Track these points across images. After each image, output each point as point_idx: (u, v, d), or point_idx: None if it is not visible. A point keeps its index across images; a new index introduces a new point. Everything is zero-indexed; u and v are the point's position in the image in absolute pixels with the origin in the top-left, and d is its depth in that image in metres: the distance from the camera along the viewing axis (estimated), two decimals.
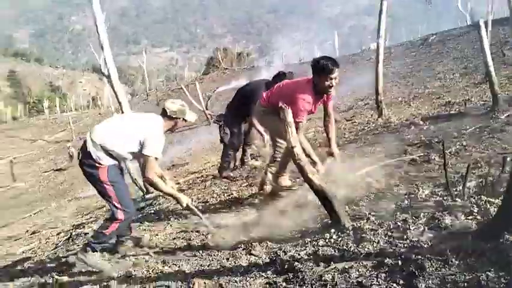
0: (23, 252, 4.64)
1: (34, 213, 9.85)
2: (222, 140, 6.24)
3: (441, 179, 3.06)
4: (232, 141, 5.35)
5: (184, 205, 3.05)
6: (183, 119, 3.08)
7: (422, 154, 4.05)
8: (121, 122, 3.12)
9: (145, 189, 5.86)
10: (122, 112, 5.74)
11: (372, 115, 7.39)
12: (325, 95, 3.28)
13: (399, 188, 3.25)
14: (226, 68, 29.25)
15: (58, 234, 5.26)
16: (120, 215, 2.89)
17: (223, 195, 4.38)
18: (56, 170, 15.71)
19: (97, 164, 2.86)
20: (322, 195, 2.21)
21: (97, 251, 2.90)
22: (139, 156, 2.98)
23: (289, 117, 2.02)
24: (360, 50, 22.83)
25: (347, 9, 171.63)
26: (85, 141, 2.94)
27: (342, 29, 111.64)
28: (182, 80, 35.90)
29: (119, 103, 5.73)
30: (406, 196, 2.99)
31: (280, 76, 4.59)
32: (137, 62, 32.60)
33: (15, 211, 11.40)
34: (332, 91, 3.21)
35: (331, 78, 3.05)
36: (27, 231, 7.52)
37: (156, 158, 2.96)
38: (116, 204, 2.88)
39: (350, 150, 4.97)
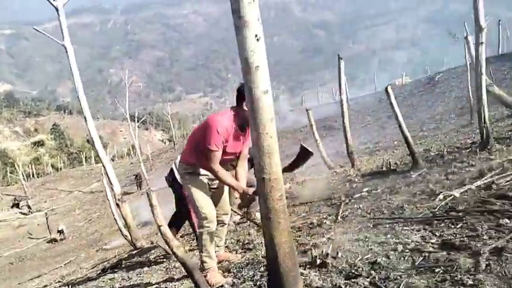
0: None
1: (64, 264, 10.17)
2: None
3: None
4: None
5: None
6: None
7: (318, 218, 3.97)
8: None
9: None
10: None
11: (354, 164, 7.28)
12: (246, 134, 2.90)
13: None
14: None
15: None
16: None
17: None
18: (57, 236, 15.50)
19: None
20: (185, 267, 2.39)
21: None
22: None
23: (154, 200, 2.08)
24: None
25: (373, 45, 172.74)
26: None
27: (371, 65, 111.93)
28: None
29: (104, 167, 6.19)
30: None
31: None
32: (172, 108, 33.96)
33: (50, 261, 11.95)
34: None
35: None
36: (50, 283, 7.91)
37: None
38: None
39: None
